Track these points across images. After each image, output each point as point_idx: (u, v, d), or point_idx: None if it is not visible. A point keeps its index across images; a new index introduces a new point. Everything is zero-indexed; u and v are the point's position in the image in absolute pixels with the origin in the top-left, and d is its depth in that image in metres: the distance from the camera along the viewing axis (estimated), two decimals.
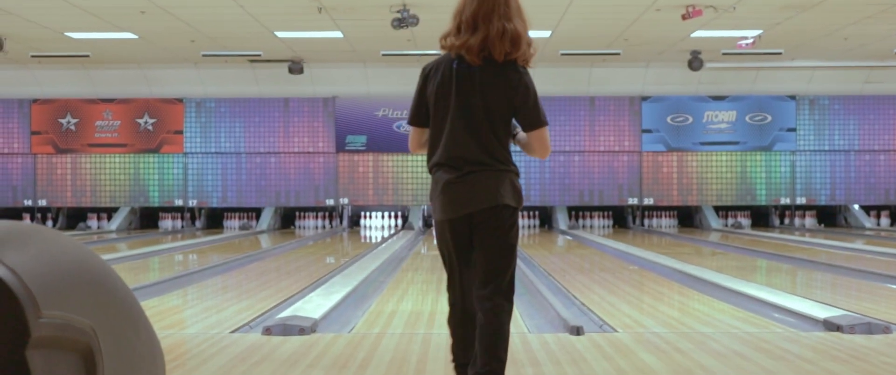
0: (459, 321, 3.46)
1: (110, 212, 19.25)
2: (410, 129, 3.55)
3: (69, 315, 1.36)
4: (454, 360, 3.51)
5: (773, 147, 19.08)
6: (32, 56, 17.11)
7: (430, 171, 3.47)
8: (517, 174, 3.43)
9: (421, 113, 3.48)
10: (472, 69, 3.34)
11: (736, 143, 19.09)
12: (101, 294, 1.48)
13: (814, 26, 14.33)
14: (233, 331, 5.50)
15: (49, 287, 1.32)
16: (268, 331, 5.25)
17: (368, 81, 18.58)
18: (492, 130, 3.34)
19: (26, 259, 1.31)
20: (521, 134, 3.48)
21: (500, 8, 3.30)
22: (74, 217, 19.16)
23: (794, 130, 19.07)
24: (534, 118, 3.39)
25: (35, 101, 19.15)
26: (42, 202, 19.19)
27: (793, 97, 19.00)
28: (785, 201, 19.16)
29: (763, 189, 19.17)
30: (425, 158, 3.50)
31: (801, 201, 19.18)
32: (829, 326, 5.47)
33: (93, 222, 19.19)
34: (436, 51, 12.13)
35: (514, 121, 3.45)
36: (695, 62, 17.00)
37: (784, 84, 18.82)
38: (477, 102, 3.34)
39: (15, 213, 18.72)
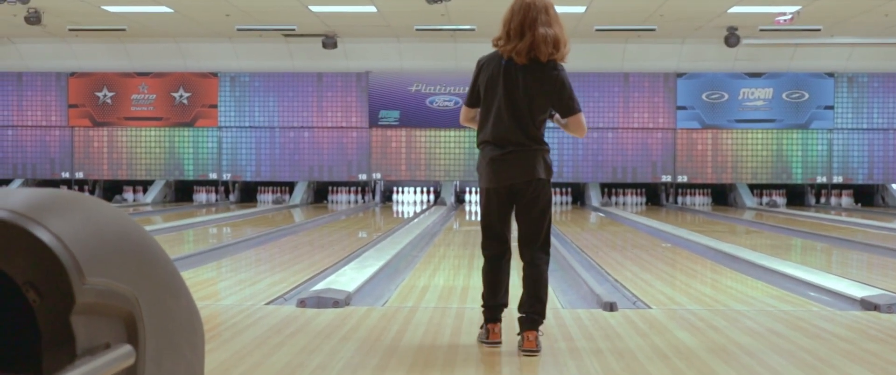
0: (491, 270, 4.21)
1: (146, 185, 19.44)
2: (463, 107, 4.31)
3: (112, 282, 1.37)
4: (483, 304, 4.21)
5: (810, 125, 18.87)
6: (70, 30, 17.25)
7: (479, 146, 4.21)
8: (548, 151, 4.16)
9: (473, 96, 4.22)
10: (518, 68, 4.07)
11: (772, 120, 18.89)
12: (142, 262, 1.49)
13: (853, 3, 14.12)
14: (267, 303, 5.54)
15: (93, 254, 1.34)
16: (302, 303, 5.29)
17: (402, 56, 18.56)
18: (531, 117, 4.08)
19: (71, 226, 1.33)
20: (559, 117, 4.24)
21: (541, 17, 4.02)
22: (111, 190, 19.36)
23: (831, 107, 18.84)
24: (569, 107, 4.16)
25: (72, 74, 19.33)
26: (79, 175, 19.40)
27: (831, 75, 18.75)
28: (821, 179, 18.96)
29: (799, 168, 18.98)
30: (468, 133, 3.98)
31: (837, 179, 18.97)
32: (866, 305, 5.42)
33: (129, 194, 19.39)
34: (469, 26, 12.38)
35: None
36: (731, 39, 16.81)
37: (822, 61, 18.57)
38: (520, 95, 4.07)
39: (52, 185, 18.93)
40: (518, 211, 4.16)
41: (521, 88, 4.06)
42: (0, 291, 1.37)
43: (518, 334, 4.09)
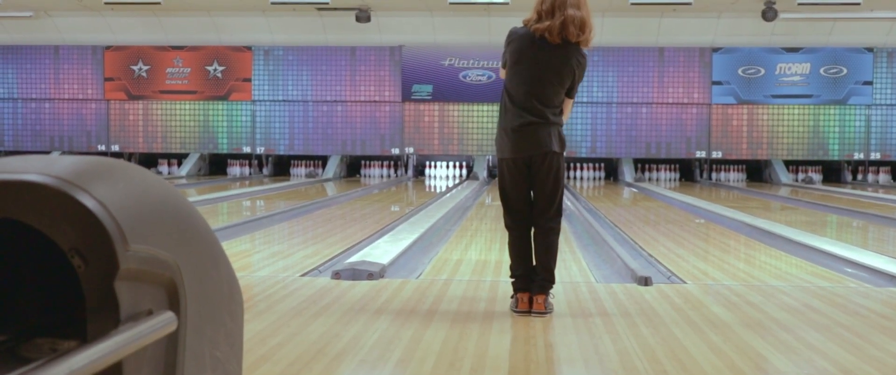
0: (515, 241, 4.44)
1: (180, 158, 19.60)
2: (501, 68, 4.53)
3: (155, 249, 1.38)
4: (511, 274, 4.44)
5: (848, 101, 18.63)
6: (106, 3, 17.37)
7: (501, 112, 4.45)
8: (562, 125, 4.41)
9: (504, 59, 4.46)
10: (548, 46, 4.28)
11: (809, 96, 18.68)
12: (184, 230, 1.50)
13: None
14: (302, 275, 5.58)
15: (136, 221, 1.35)
16: (337, 276, 5.32)
17: (435, 30, 18.51)
18: (553, 93, 4.32)
19: (115, 193, 1.34)
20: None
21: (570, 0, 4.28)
22: (146, 163, 19.55)
23: (870, 83, 18.58)
24: (573, 90, 4.45)
25: (108, 48, 19.47)
26: (115, 148, 19.59)
27: (870, 49, 18.48)
28: (858, 156, 18.75)
29: (836, 144, 18.77)
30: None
31: (875, 156, 18.75)
32: None
33: (163, 167, 19.56)
34: (503, 0, 11.94)
35: None
36: (769, 13, 16.61)
37: (861, 36, 18.31)
38: (546, 73, 4.29)
39: None
40: (534, 181, 4.37)
41: (548, 66, 4.29)
42: (45, 257, 1.38)
43: (512, 296, 4.44)
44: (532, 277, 4.34)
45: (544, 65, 4.28)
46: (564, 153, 4.41)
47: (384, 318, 4.18)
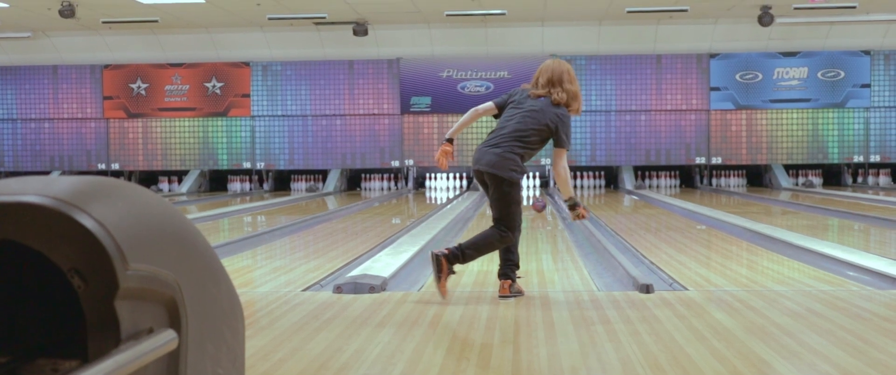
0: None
1: (180, 175, 19.61)
2: (490, 103, 5.47)
3: (155, 268, 1.39)
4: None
5: (846, 104, 18.65)
6: (103, 22, 17.40)
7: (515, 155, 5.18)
8: (523, 172, 5.20)
9: (501, 104, 5.39)
10: (542, 101, 5.21)
11: (807, 100, 18.69)
12: (184, 248, 1.51)
13: None
14: (304, 290, 5.58)
15: (136, 240, 1.35)
16: (339, 289, 5.32)
17: (433, 42, 18.54)
18: (525, 137, 5.16)
19: (114, 213, 1.34)
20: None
21: (564, 76, 5.23)
22: (146, 181, 19.56)
23: (868, 86, 18.60)
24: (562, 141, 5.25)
25: (107, 66, 19.51)
26: (115, 166, 19.61)
27: (867, 52, 18.51)
28: (858, 159, 18.75)
29: (835, 147, 18.77)
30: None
31: (874, 158, 18.75)
32: None
33: (164, 185, 19.57)
34: (500, 10, 12.68)
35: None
36: (765, 17, 16.63)
37: (858, 39, 18.33)
38: (530, 122, 5.17)
39: None
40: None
41: (532, 118, 5.19)
42: (45, 277, 1.39)
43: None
44: (509, 267, 5.17)
45: (530, 117, 5.17)
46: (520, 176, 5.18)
47: (386, 331, 4.17)
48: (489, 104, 5.44)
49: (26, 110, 19.91)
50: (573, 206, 5.22)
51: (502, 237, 5.11)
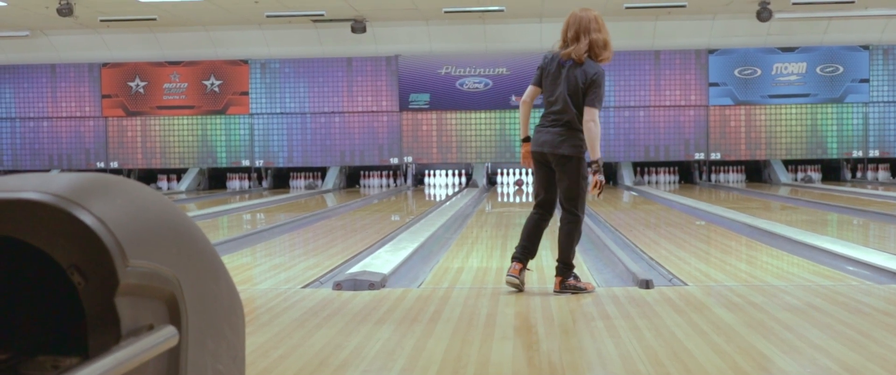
0: (526, 226, 5.33)
1: (179, 173, 19.60)
2: (530, 87, 5.26)
3: (155, 264, 1.38)
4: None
5: (845, 99, 18.65)
6: (101, 21, 17.39)
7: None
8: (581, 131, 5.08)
9: (537, 80, 5.23)
10: (569, 64, 5.07)
11: (806, 95, 18.69)
12: (184, 245, 1.51)
13: None
14: (303, 287, 5.58)
15: (136, 237, 1.35)
16: (338, 286, 5.32)
17: (431, 38, 18.53)
18: (574, 103, 5.06)
19: (114, 210, 1.34)
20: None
21: (592, 24, 5.04)
22: (145, 179, 19.54)
23: (867, 81, 18.60)
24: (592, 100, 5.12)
25: (105, 65, 19.50)
26: (114, 165, 19.60)
27: (866, 47, 18.51)
28: (857, 154, 18.75)
29: (834, 142, 18.78)
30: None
31: (873, 153, 18.75)
32: None
33: (163, 183, 19.57)
34: (498, 7, 12.68)
35: None
36: (763, 13, 16.63)
37: (856, 34, 18.33)
38: (571, 93, 5.06)
39: None
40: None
41: (570, 81, 5.05)
42: (45, 274, 1.39)
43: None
44: (525, 253, 5.21)
45: (569, 81, 5.05)
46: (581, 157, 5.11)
47: (386, 328, 4.17)
48: (530, 89, 5.25)
49: (25, 109, 19.90)
50: (595, 173, 5.17)
51: (578, 221, 5.21)
